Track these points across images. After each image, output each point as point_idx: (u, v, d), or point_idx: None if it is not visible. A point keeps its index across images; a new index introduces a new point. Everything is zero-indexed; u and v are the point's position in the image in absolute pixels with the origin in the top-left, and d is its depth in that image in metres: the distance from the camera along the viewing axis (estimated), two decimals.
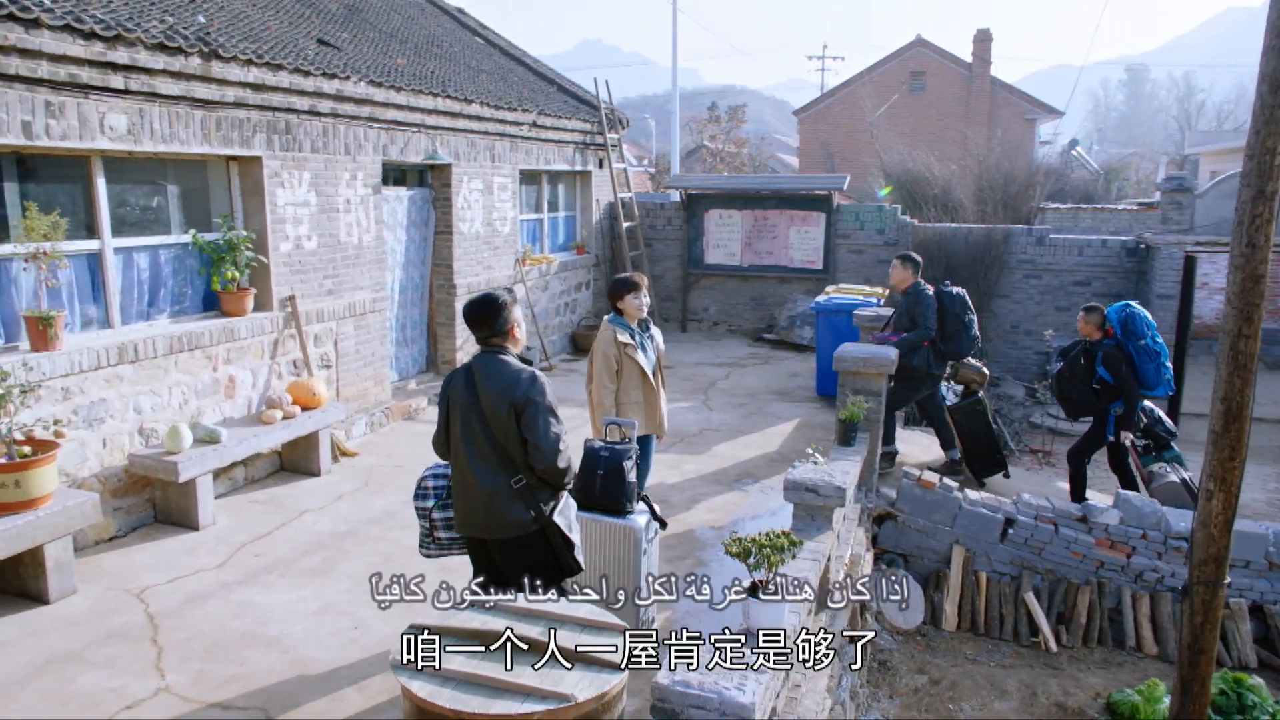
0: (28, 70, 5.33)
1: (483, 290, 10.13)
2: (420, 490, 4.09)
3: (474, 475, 3.79)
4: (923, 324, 7.64)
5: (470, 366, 3.88)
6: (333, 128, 7.97)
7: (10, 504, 4.90)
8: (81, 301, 6.19)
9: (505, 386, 3.74)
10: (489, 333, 3.87)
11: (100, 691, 4.28)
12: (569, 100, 13.16)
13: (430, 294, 10.25)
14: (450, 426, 3.90)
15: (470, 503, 3.84)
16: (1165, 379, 7.19)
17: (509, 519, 3.80)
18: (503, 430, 3.76)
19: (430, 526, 4.04)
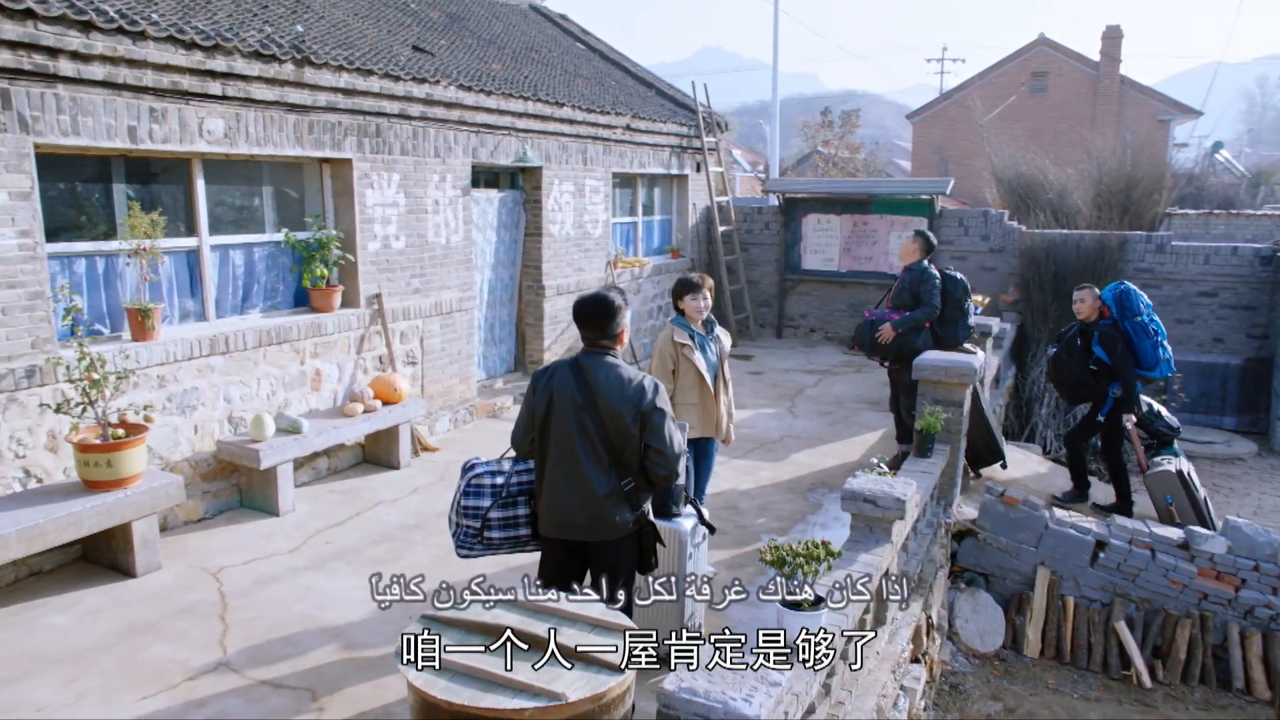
0: (134, 79, 5.69)
1: (574, 292, 10.25)
2: (473, 488, 3.94)
3: (586, 477, 3.67)
4: (928, 302, 7.19)
5: (579, 366, 3.75)
6: (422, 131, 8.20)
7: (102, 482, 5.23)
8: (180, 295, 6.57)
9: (630, 394, 3.67)
10: (599, 334, 3.78)
11: (166, 662, 4.51)
12: (666, 104, 13.17)
13: (519, 295, 10.42)
14: (549, 425, 3.73)
15: (575, 505, 3.70)
16: (1163, 359, 7.11)
17: (616, 521, 3.73)
18: (621, 435, 3.67)
19: (481, 526, 3.89)
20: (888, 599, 4.90)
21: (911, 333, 7.15)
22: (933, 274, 7.28)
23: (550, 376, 3.78)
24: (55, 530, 4.92)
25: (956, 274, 7.48)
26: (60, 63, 5.30)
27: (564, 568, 3.85)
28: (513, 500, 3.90)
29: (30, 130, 5.25)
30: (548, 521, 3.80)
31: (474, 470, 3.97)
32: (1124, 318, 7.07)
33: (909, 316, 7.18)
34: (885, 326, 7.21)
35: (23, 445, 5.36)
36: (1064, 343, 7.38)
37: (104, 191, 6.04)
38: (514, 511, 3.91)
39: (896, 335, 7.18)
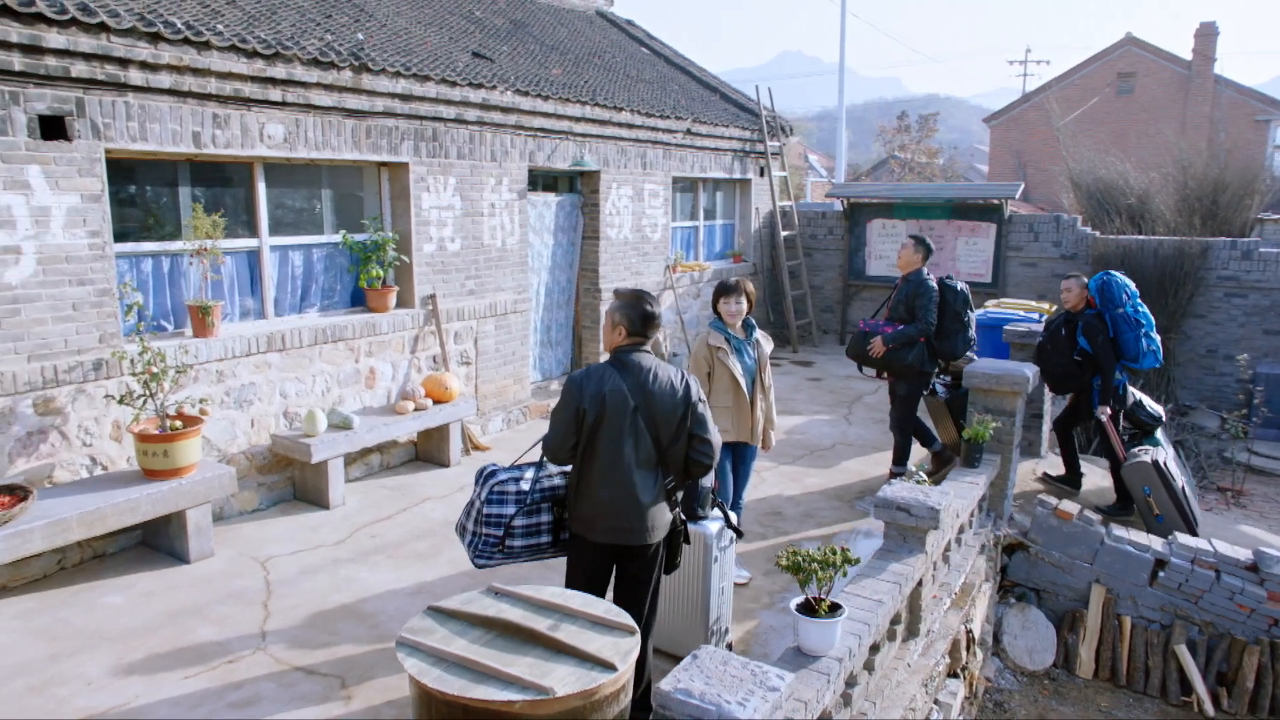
0: (198, 87, 5.95)
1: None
2: (496, 496, 3.85)
3: (640, 480, 3.65)
4: (923, 317, 6.71)
5: (625, 367, 3.72)
6: (479, 135, 8.36)
7: (159, 471, 5.48)
8: (241, 294, 6.83)
9: (677, 387, 3.72)
10: (645, 335, 3.81)
11: (209, 644, 4.69)
12: (730, 108, 13.13)
13: (576, 298, 10.52)
14: (600, 431, 3.65)
15: (630, 509, 3.64)
16: (1149, 350, 6.96)
17: (662, 521, 3.74)
18: (670, 431, 3.69)
19: (504, 534, 3.82)
20: (922, 610, 4.78)
21: (904, 348, 6.74)
22: (930, 286, 6.80)
23: (599, 381, 3.67)
24: (114, 515, 5.17)
25: (957, 284, 7.09)
26: (130, 72, 5.58)
27: (599, 574, 3.79)
28: (536, 507, 3.84)
29: (102, 136, 5.53)
30: (597, 528, 3.69)
31: (495, 477, 3.89)
32: (1106, 309, 7.00)
33: (901, 332, 6.73)
34: (876, 340, 6.79)
35: (90, 434, 5.65)
36: (1050, 332, 7.34)
37: (170, 194, 6.33)
38: (536, 519, 3.85)
39: (887, 350, 6.77)
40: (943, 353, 6.89)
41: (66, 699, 4.18)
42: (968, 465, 6.18)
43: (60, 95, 5.32)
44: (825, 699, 3.49)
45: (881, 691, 4.27)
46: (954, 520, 5.28)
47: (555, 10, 13.42)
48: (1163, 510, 6.76)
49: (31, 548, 4.84)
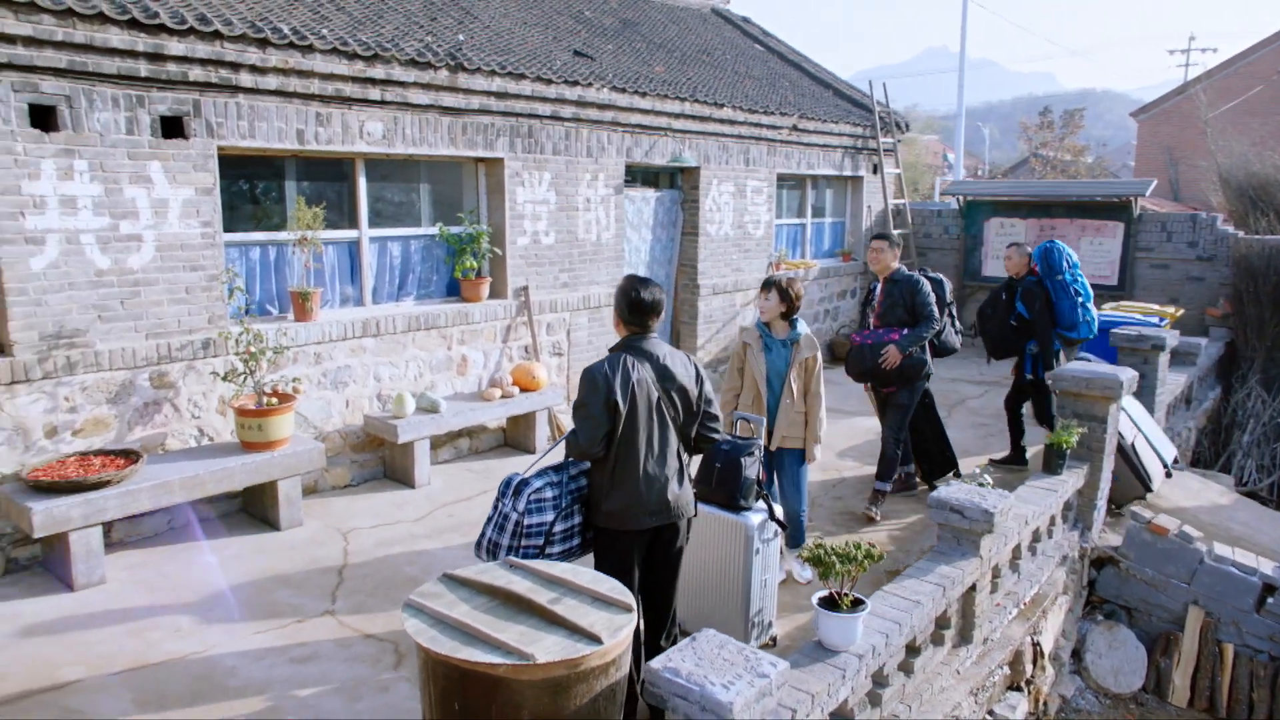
0: (302, 87, 6.38)
1: (730, 291, 10.25)
2: (535, 505, 3.78)
3: (672, 461, 3.75)
4: (928, 316, 6.22)
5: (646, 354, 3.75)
6: (575, 131, 8.56)
7: (255, 443, 5.92)
8: (341, 282, 7.26)
9: (687, 367, 3.87)
10: (656, 320, 3.87)
11: (285, 605, 5.05)
12: (843, 104, 12.90)
13: (675, 293, 10.60)
14: (635, 420, 3.66)
15: (665, 490, 3.72)
16: (1085, 320, 7.15)
17: (688, 499, 3.87)
18: (690, 411, 3.82)
19: (544, 543, 3.77)
20: (976, 616, 4.62)
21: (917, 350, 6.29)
22: (921, 281, 6.35)
23: (625, 371, 3.67)
24: (212, 481, 5.63)
25: (938, 275, 6.81)
26: (241, 75, 6.04)
27: (630, 564, 3.77)
28: (569, 510, 3.84)
29: (215, 135, 6.02)
30: (634, 515, 3.70)
31: (530, 486, 3.81)
32: (1047, 276, 7.09)
33: (914, 335, 6.20)
34: (890, 349, 6.19)
35: (198, 408, 6.16)
36: (990, 296, 7.50)
37: (277, 188, 6.80)
38: (571, 522, 3.84)
39: (904, 356, 6.22)
40: (943, 349, 6.66)
41: (157, 642, 4.60)
42: (1048, 471, 5.90)
43: (179, 98, 5.82)
44: (840, 694, 3.45)
45: (920, 695, 4.16)
46: (1020, 527, 5.06)
47: (669, 9, 13.54)
48: (1116, 470, 6.69)
49: (139, 506, 5.33)
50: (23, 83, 5.20)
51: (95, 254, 5.55)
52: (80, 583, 5.14)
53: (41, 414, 5.43)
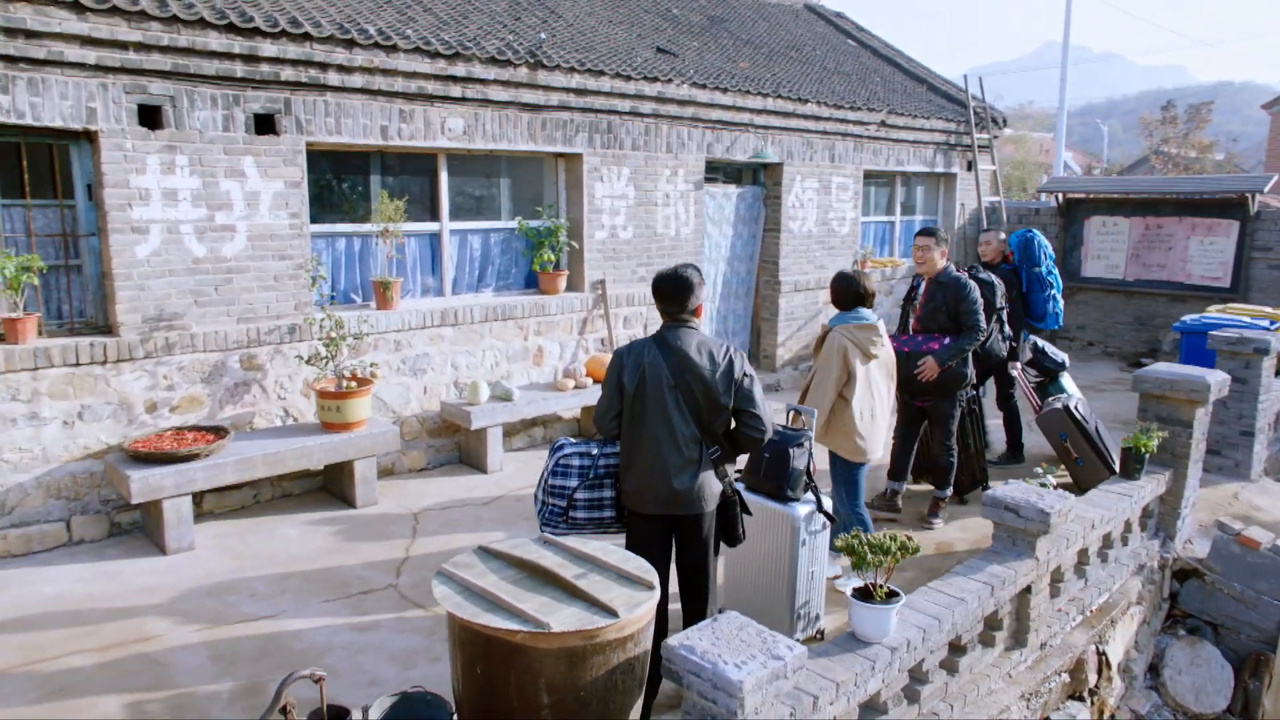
0: (387, 85, 6.67)
1: (813, 289, 10.17)
2: (560, 468, 4.05)
3: (680, 452, 3.72)
4: (972, 325, 5.82)
5: (665, 342, 3.80)
6: (654, 127, 8.65)
7: (334, 424, 6.22)
8: (423, 273, 7.55)
9: (721, 363, 3.76)
10: (679, 309, 3.87)
11: (352, 576, 5.31)
12: (937, 100, 12.59)
13: (756, 289, 10.57)
14: (642, 404, 3.75)
15: (671, 480, 3.72)
16: (1053, 313, 7.44)
17: (709, 492, 3.80)
18: (712, 406, 3.74)
19: (567, 506, 4.02)
20: (1031, 620, 4.49)
21: (959, 363, 5.91)
22: (971, 287, 5.91)
23: (639, 355, 3.78)
24: (291, 458, 5.96)
25: (990, 276, 6.43)
26: (328, 75, 6.36)
27: (655, 545, 3.85)
28: (599, 482, 3.99)
29: (303, 131, 6.36)
30: (643, 499, 3.80)
31: (562, 450, 4.08)
32: (1023, 266, 7.10)
33: (953, 346, 5.80)
34: (928, 361, 5.83)
35: (284, 389, 6.52)
36: None
37: (363, 181, 7.12)
38: (599, 493, 3.99)
39: (942, 370, 5.87)
40: (987, 358, 6.30)
41: (233, 605, 4.92)
42: (1124, 476, 5.66)
43: (271, 96, 6.17)
44: (869, 685, 3.43)
45: (964, 695, 4.08)
46: (1085, 530, 4.89)
47: (760, 5, 13.49)
48: (1080, 453, 6.65)
49: (224, 479, 5.69)
50: (133, 85, 5.62)
51: (193, 243, 5.94)
52: (171, 547, 5.52)
53: (143, 390, 5.85)
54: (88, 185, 5.72)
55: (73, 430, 5.62)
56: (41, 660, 4.33)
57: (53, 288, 5.77)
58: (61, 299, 5.80)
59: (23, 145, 5.54)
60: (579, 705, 2.92)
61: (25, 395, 5.44)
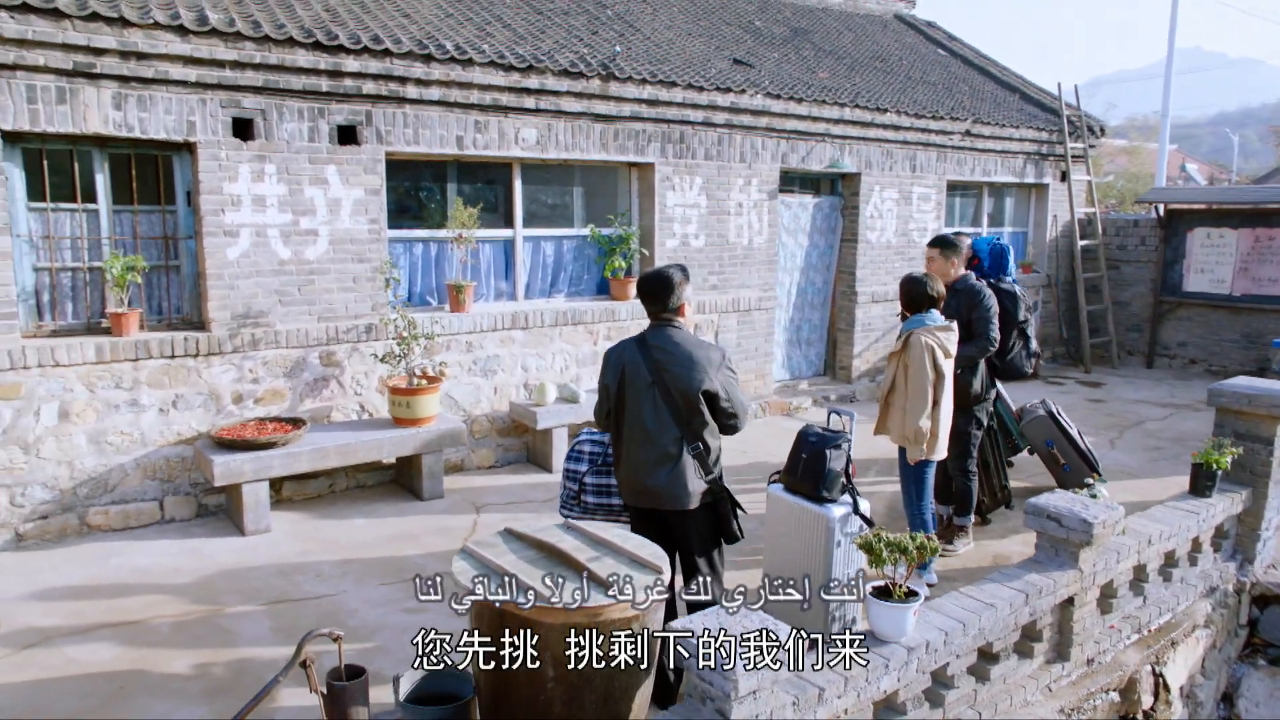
0: (463, 98, 7.00)
1: (891, 300, 10.11)
2: (575, 454, 4.38)
3: (658, 447, 3.80)
4: (984, 334, 5.56)
5: (644, 342, 3.90)
6: (728, 137, 8.75)
7: (403, 419, 6.54)
8: (496, 278, 7.84)
9: (702, 362, 3.82)
10: (661, 308, 3.95)
11: (410, 563, 5.57)
12: (1029, 109, 12.27)
13: (832, 300, 10.52)
14: (623, 400, 3.88)
15: (649, 474, 3.82)
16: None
17: (689, 489, 3.85)
18: (689, 404, 3.82)
19: (578, 490, 4.29)
20: (1075, 634, 4.38)
21: (965, 372, 5.60)
22: (987, 295, 5.65)
23: (621, 355, 3.92)
24: (362, 450, 6.30)
25: (1012, 286, 6.03)
26: (407, 88, 6.72)
27: (649, 536, 3.85)
28: (607, 469, 4.15)
29: (383, 141, 6.74)
30: (627, 490, 3.97)
31: (580, 437, 4.37)
32: (992, 274, 6.44)
33: (961, 353, 5.43)
34: None
35: (360, 386, 6.89)
36: None
37: (440, 189, 7.47)
38: (608, 480, 4.17)
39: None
40: (1006, 371, 5.93)
41: (299, 583, 5.24)
42: (1193, 493, 5.43)
43: (354, 109, 6.57)
44: (882, 683, 3.44)
45: (995, 704, 4.02)
46: (1141, 546, 4.73)
47: (846, 15, 13.44)
48: (1067, 459, 6.62)
49: (299, 467, 6.06)
50: (228, 99, 6.08)
51: (279, 246, 6.37)
52: (249, 529, 5.92)
53: (230, 383, 6.29)
54: (187, 192, 6.21)
55: (168, 417, 6.09)
56: (127, 620, 4.73)
57: (154, 286, 6.27)
58: (162, 296, 6.30)
59: (132, 156, 6.06)
60: (583, 681, 3.05)
61: (127, 384, 5.93)
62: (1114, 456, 8.13)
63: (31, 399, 5.63)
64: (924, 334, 5.06)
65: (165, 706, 3.96)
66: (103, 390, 5.84)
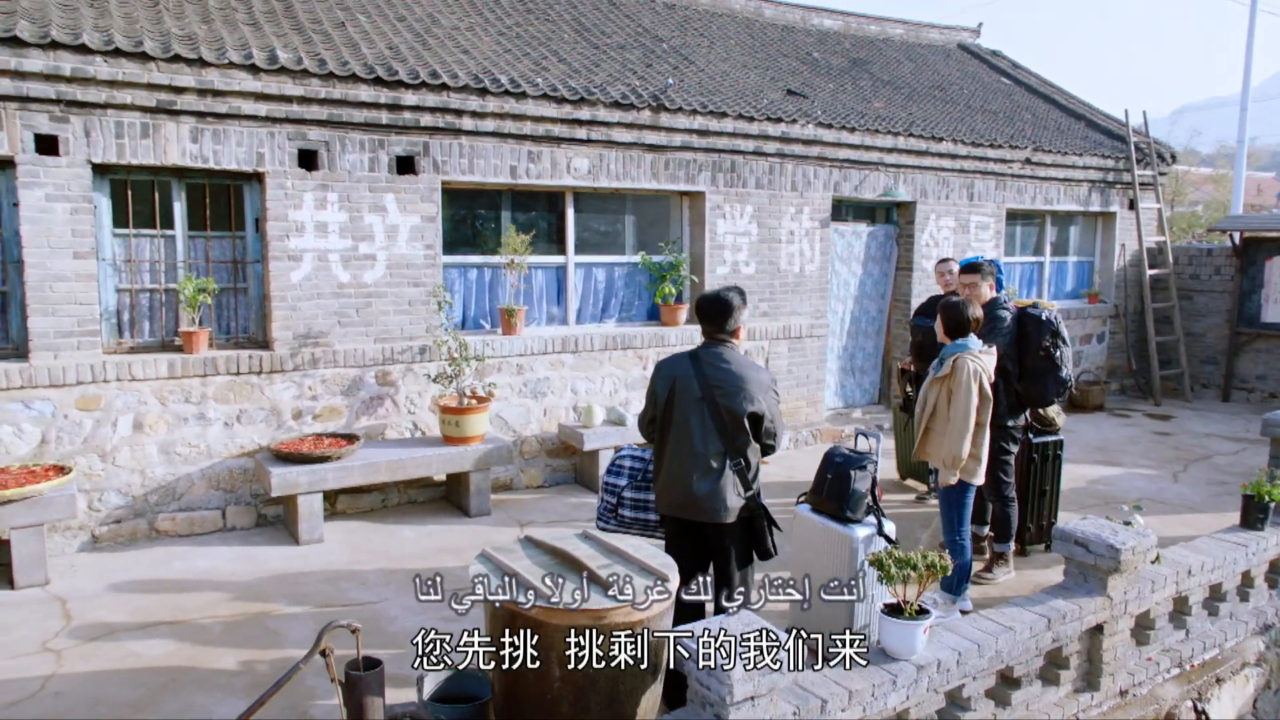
0: (516, 129, 7.29)
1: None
2: (615, 468, 4.58)
3: (701, 461, 3.90)
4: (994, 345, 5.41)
5: (697, 358, 4.03)
6: (779, 166, 8.87)
7: (453, 438, 6.78)
8: (548, 303, 8.07)
9: (752, 384, 3.96)
10: (717, 328, 4.10)
11: (451, 575, 5.73)
12: (1095, 135, 12.08)
13: (887, 329, 10.48)
14: (670, 412, 4.00)
15: (690, 486, 3.91)
16: None
17: (728, 504, 3.96)
18: (735, 421, 3.94)
19: (616, 504, 4.48)
20: (1104, 662, 4.30)
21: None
22: (1003, 316, 5.66)
23: (673, 366, 4.06)
24: (411, 466, 6.55)
25: (1042, 313, 5.82)
26: (463, 120, 7.04)
27: (685, 548, 4.05)
28: (646, 485, 4.29)
29: (439, 171, 7.05)
30: (665, 501, 4.07)
31: (619, 454, 4.54)
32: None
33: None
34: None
35: (414, 404, 7.16)
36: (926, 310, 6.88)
37: (495, 216, 7.75)
38: (646, 495, 4.31)
39: None
40: (1029, 397, 5.75)
41: (345, 590, 5.48)
42: (1245, 526, 5.27)
43: (411, 140, 6.90)
44: (889, 699, 3.46)
45: None
46: (1180, 576, 4.62)
47: (907, 46, 13.46)
48: None
49: (351, 480, 6.34)
50: (295, 132, 6.47)
51: (338, 270, 6.71)
52: (303, 539, 6.20)
53: (291, 399, 6.63)
54: (255, 219, 6.60)
55: (232, 430, 6.44)
56: (184, 619, 5.02)
57: (223, 307, 6.67)
58: (230, 317, 6.69)
59: (206, 185, 6.49)
60: (588, 682, 3.16)
61: (196, 398, 6.31)
62: (1175, 490, 7.90)
63: (110, 410, 6.04)
64: (969, 358, 5.06)
65: (210, 699, 4.20)
66: (174, 404, 6.22)
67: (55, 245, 5.80)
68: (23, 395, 5.79)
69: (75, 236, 5.86)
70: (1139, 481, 8.15)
